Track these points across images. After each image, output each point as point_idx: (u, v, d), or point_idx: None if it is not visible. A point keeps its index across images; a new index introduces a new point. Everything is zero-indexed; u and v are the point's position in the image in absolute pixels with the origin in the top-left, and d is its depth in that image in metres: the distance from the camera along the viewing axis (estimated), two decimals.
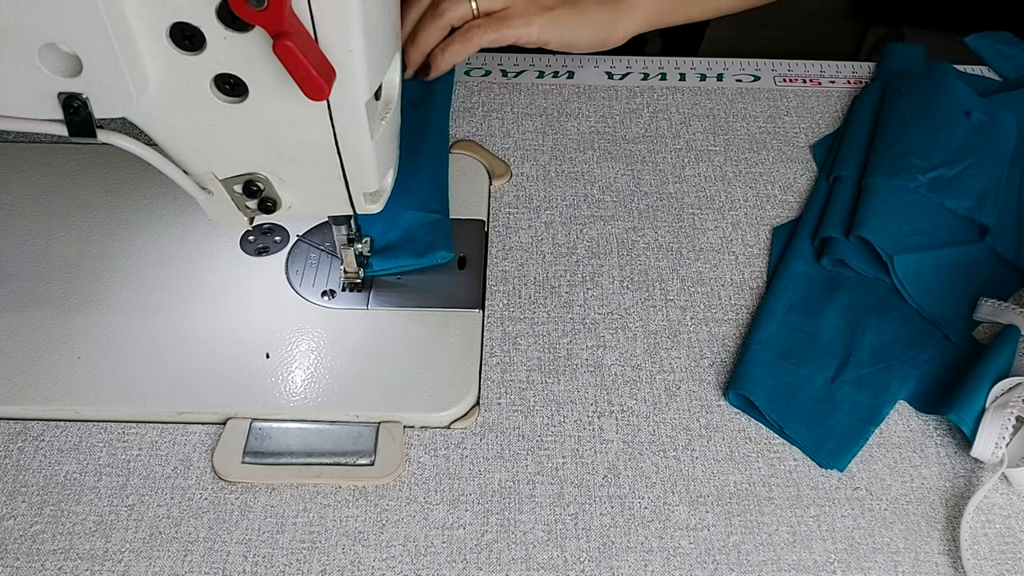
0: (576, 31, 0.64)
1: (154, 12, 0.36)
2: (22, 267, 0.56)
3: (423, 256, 0.56)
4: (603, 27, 0.65)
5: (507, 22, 0.63)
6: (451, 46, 0.63)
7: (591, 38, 0.65)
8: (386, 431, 0.50)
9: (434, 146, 0.63)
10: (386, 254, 0.56)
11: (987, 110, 0.63)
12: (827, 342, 0.54)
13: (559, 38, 0.64)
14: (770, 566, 0.46)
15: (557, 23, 0.64)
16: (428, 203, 0.58)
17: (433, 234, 0.57)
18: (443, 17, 0.63)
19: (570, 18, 0.64)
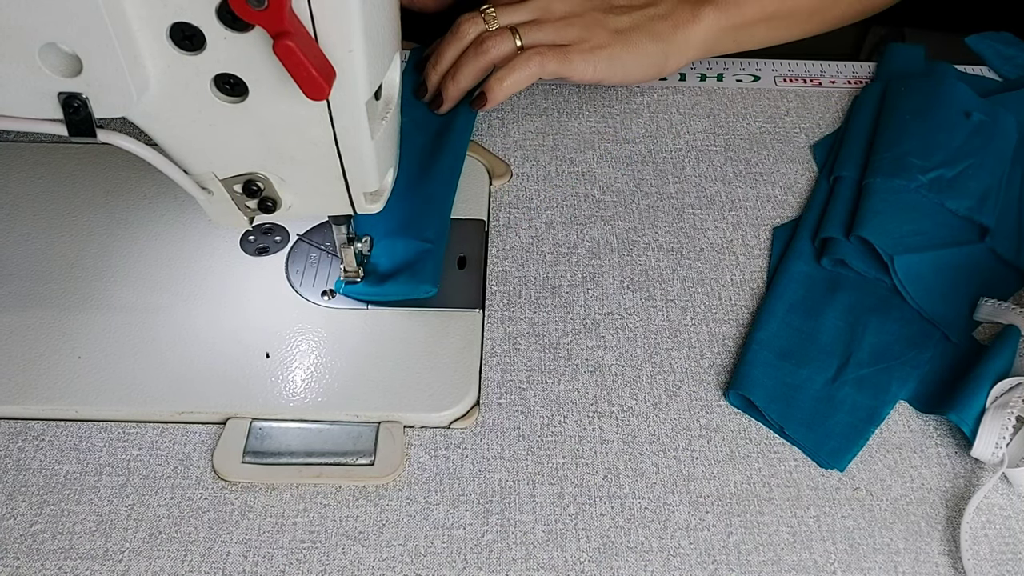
0: (630, 68, 0.64)
1: (154, 12, 0.36)
2: (22, 267, 0.56)
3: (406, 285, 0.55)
4: (656, 62, 0.64)
5: (569, 58, 0.61)
6: (511, 75, 0.61)
7: (643, 74, 0.65)
8: (386, 431, 0.50)
9: (445, 174, 0.61)
10: (373, 279, 0.55)
11: (987, 110, 0.63)
12: (827, 342, 0.54)
13: (613, 76, 0.63)
14: (770, 566, 0.46)
15: (612, 61, 0.62)
16: (424, 230, 0.57)
17: (421, 265, 0.55)
18: (487, 55, 0.61)
19: (624, 55, 0.63)
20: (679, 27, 0.64)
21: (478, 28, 0.62)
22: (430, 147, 0.62)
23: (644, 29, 0.63)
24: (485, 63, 0.62)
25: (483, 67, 0.62)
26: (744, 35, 0.66)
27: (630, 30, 0.63)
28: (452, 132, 0.63)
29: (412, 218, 0.58)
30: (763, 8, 0.65)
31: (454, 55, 0.63)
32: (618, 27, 0.63)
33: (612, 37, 0.63)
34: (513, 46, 0.62)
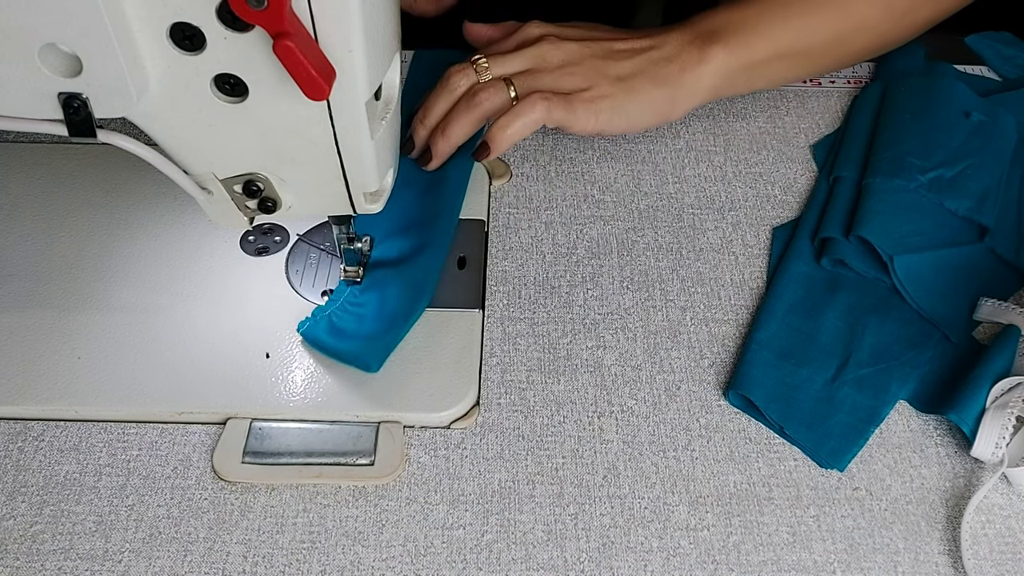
0: (634, 117, 0.59)
1: (154, 12, 0.36)
2: (22, 267, 0.56)
3: (358, 351, 0.52)
4: (662, 109, 0.60)
5: (573, 108, 0.57)
6: (516, 121, 0.56)
7: (649, 122, 0.60)
8: (386, 431, 0.50)
9: (438, 237, 0.57)
10: (334, 332, 0.53)
11: (987, 110, 0.63)
12: (827, 342, 0.54)
13: (615, 127, 0.59)
14: (770, 566, 0.46)
15: (615, 112, 0.58)
16: (402, 313, 0.53)
17: (381, 341, 0.52)
18: (480, 108, 0.57)
19: (627, 104, 0.58)
20: (686, 70, 0.59)
21: (469, 80, 0.58)
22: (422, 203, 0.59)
23: (648, 74, 0.59)
24: (478, 116, 0.57)
25: (477, 120, 0.58)
26: (756, 75, 0.63)
27: (633, 76, 0.59)
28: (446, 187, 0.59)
29: (403, 280, 0.55)
30: (776, 45, 0.61)
31: (444, 108, 0.58)
32: (620, 74, 0.59)
33: (614, 85, 0.58)
34: (508, 97, 0.57)
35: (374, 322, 0.53)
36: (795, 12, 0.61)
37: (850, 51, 0.64)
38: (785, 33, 0.61)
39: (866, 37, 0.64)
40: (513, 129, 0.56)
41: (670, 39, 0.60)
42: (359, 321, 0.53)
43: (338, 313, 0.53)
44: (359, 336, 0.52)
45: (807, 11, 0.61)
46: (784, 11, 0.61)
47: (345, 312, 0.53)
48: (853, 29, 0.63)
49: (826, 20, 0.62)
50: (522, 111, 0.56)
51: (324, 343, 0.52)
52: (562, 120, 0.57)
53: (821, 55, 0.63)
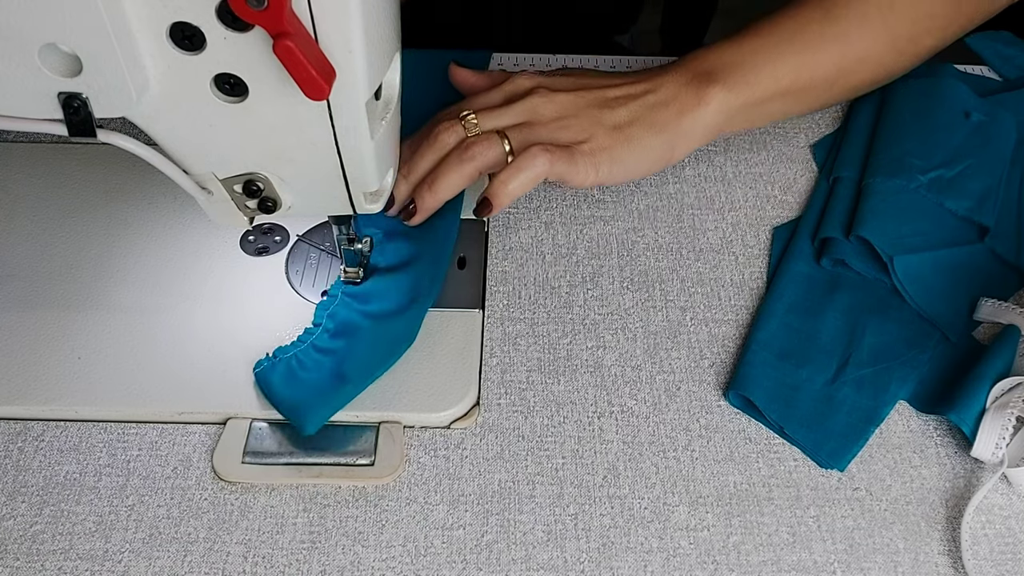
0: (632, 167, 0.57)
1: (154, 12, 0.36)
2: (22, 267, 0.56)
3: (293, 406, 0.50)
4: (661, 155, 0.58)
5: (575, 160, 0.54)
6: (518, 175, 0.53)
7: (648, 169, 0.58)
8: (386, 431, 0.50)
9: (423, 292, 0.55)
10: (290, 378, 0.51)
11: (987, 110, 0.63)
12: (827, 343, 0.54)
13: (613, 178, 0.57)
14: (770, 566, 0.46)
15: (615, 163, 0.56)
16: (366, 369, 0.51)
17: (322, 405, 0.50)
18: (473, 163, 0.54)
19: (624, 155, 0.56)
20: (684, 113, 0.57)
21: (458, 136, 0.55)
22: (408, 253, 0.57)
23: (645, 121, 0.57)
24: (471, 171, 0.54)
25: (469, 175, 0.54)
26: (757, 113, 0.60)
27: (630, 124, 0.56)
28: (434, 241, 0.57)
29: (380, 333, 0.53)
30: (777, 82, 0.59)
31: (431, 164, 0.55)
32: (617, 122, 0.56)
33: (611, 136, 0.56)
34: (503, 151, 0.54)
35: (331, 377, 0.50)
36: (795, 48, 0.59)
37: (852, 84, 0.62)
38: (785, 70, 0.59)
39: (869, 70, 0.62)
40: (515, 184, 0.53)
41: (666, 81, 0.58)
42: (318, 369, 0.51)
43: (300, 357, 0.51)
44: (310, 387, 0.50)
45: (807, 47, 0.59)
46: (783, 47, 0.59)
47: (308, 356, 0.51)
48: (855, 63, 0.60)
49: (827, 55, 0.59)
50: (524, 164, 0.53)
51: (273, 389, 0.50)
52: (564, 173, 0.54)
53: (823, 90, 0.61)
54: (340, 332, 0.52)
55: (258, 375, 0.51)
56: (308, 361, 0.51)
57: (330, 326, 0.53)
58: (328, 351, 0.52)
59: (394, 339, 0.52)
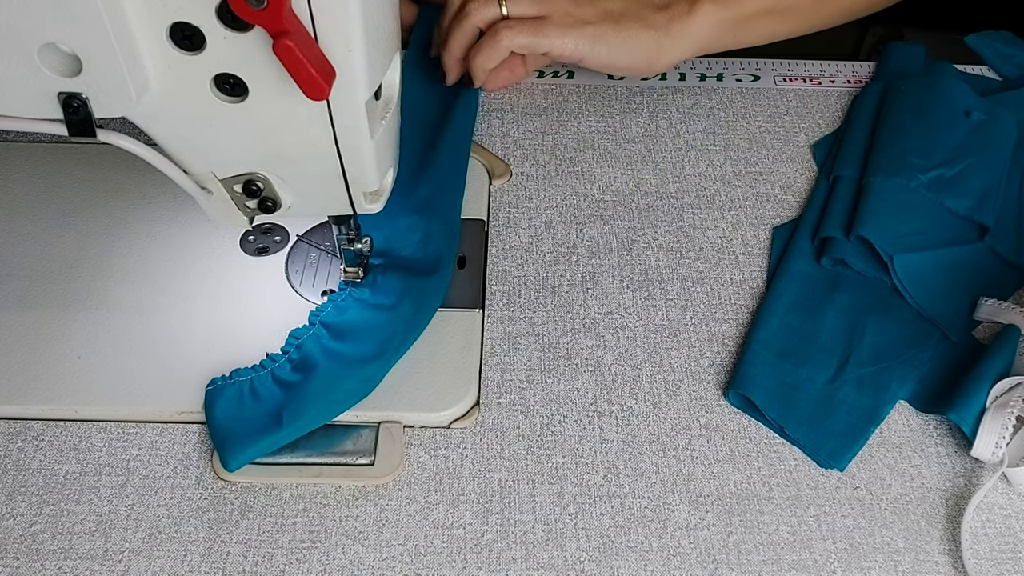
0: (616, 51, 0.60)
1: (154, 12, 0.36)
2: (22, 267, 0.56)
3: (218, 437, 0.49)
4: (646, 51, 0.61)
5: (541, 30, 0.58)
6: (479, 54, 0.60)
7: (632, 60, 0.61)
8: (386, 431, 0.50)
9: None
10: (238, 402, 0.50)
11: (987, 110, 0.63)
12: (827, 342, 0.54)
13: (597, 56, 0.60)
14: (770, 566, 0.46)
15: (596, 39, 0.59)
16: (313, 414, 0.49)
17: (255, 442, 0.48)
18: (468, 19, 0.60)
19: (611, 36, 0.59)
20: (675, 19, 0.61)
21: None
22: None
23: (637, 16, 0.61)
24: (468, 29, 0.60)
25: (468, 33, 0.60)
26: (744, 30, 0.63)
27: (622, 14, 0.60)
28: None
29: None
30: (764, 0, 0.62)
31: (447, 26, 0.62)
32: (609, 9, 0.60)
33: (601, 16, 0.60)
34: (497, 12, 0.60)
35: (269, 416, 0.49)
36: None
37: (839, 10, 0.65)
38: None
39: None
40: (481, 58, 0.60)
41: None
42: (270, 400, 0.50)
43: (255, 385, 0.50)
44: (247, 422, 0.49)
45: None
46: None
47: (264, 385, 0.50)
48: None
49: None
50: (485, 43, 0.59)
51: (213, 413, 0.49)
52: (529, 44, 0.59)
53: (810, 10, 0.64)
54: (301, 366, 0.51)
55: (207, 393, 0.50)
56: (263, 391, 0.50)
57: (295, 357, 0.51)
58: (286, 384, 0.50)
59: (345, 393, 0.50)
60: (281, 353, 0.52)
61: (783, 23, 0.64)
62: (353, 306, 0.53)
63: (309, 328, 0.53)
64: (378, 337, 0.51)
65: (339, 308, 0.53)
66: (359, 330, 0.52)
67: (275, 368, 0.51)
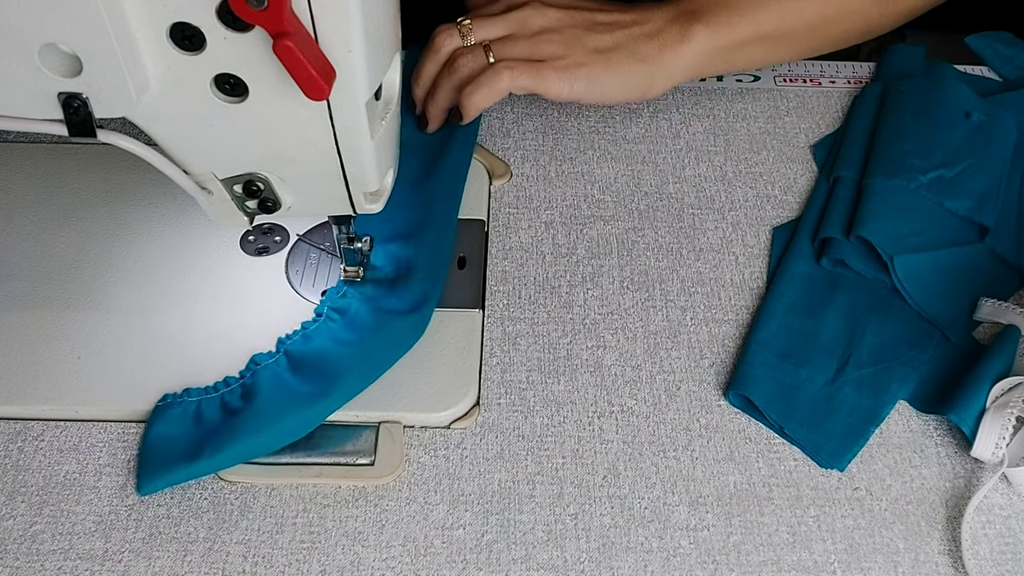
0: (609, 88, 0.60)
1: (154, 12, 0.36)
2: (22, 267, 0.56)
3: (144, 456, 0.48)
4: (639, 84, 0.60)
5: (540, 72, 0.58)
6: (479, 90, 0.58)
7: (626, 95, 0.61)
8: (386, 431, 0.50)
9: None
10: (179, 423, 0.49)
11: (987, 111, 0.63)
12: (827, 342, 0.54)
13: (591, 96, 0.59)
14: (770, 566, 0.46)
15: (590, 80, 0.59)
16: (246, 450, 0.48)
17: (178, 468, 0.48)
18: (457, 74, 0.59)
19: (604, 75, 0.59)
20: (666, 47, 0.60)
21: (453, 42, 0.60)
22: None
23: (628, 49, 0.60)
24: (457, 82, 0.59)
25: (456, 86, 0.59)
26: (737, 56, 0.63)
27: (612, 49, 0.59)
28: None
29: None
30: (758, 27, 0.61)
31: (432, 71, 0.61)
32: (599, 46, 0.59)
33: (591, 56, 0.59)
34: (485, 64, 0.58)
35: (192, 444, 0.48)
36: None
37: (833, 35, 0.65)
38: (768, 15, 0.61)
39: (850, 21, 0.64)
40: (478, 96, 0.58)
41: (654, 16, 0.61)
42: (208, 425, 0.49)
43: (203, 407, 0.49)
44: (173, 446, 0.48)
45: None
46: None
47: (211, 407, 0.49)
48: (838, 13, 0.63)
49: (811, 3, 0.62)
50: (485, 80, 0.58)
51: (148, 429, 0.49)
52: (529, 86, 0.58)
53: (804, 38, 0.64)
54: (248, 395, 0.50)
55: (155, 409, 0.50)
56: (207, 414, 0.49)
57: (248, 383, 0.50)
58: (231, 411, 0.49)
59: (278, 435, 0.48)
60: (237, 377, 0.51)
61: (776, 50, 0.64)
62: (321, 336, 0.52)
63: (272, 355, 0.51)
64: (333, 376, 0.50)
65: (306, 337, 0.52)
66: (318, 364, 0.50)
67: (226, 392, 0.50)
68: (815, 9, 0.62)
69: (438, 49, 0.60)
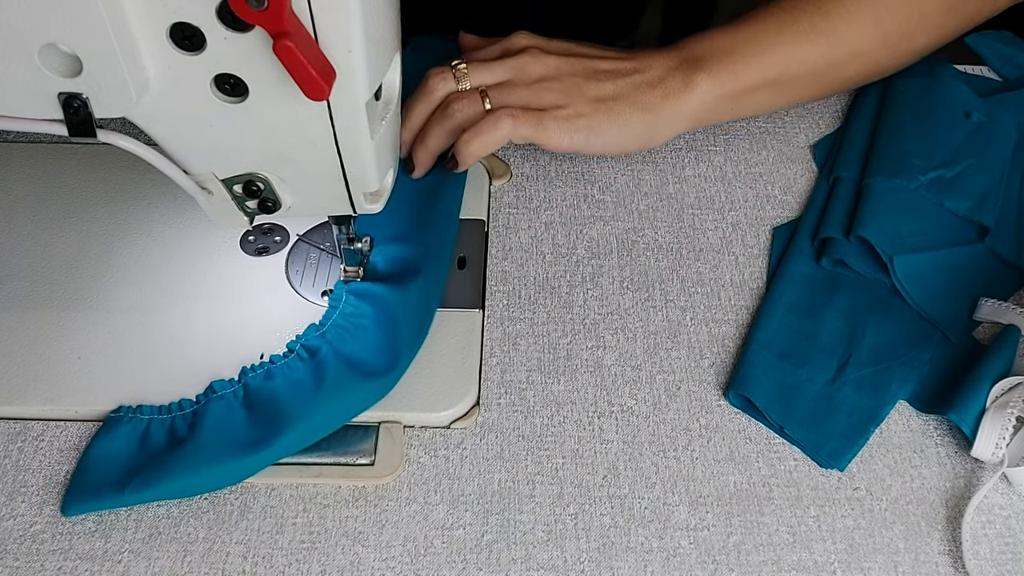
0: (610, 140, 0.57)
1: (154, 12, 0.36)
2: (22, 267, 0.56)
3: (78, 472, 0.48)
4: (641, 134, 0.58)
5: (542, 122, 0.55)
6: (478, 138, 0.55)
7: (627, 146, 0.59)
8: (386, 431, 0.50)
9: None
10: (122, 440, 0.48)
11: (987, 111, 0.63)
12: (827, 343, 0.54)
13: (592, 147, 0.57)
14: (770, 566, 0.46)
15: (591, 132, 0.56)
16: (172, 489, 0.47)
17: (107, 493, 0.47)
18: (452, 119, 0.56)
19: (605, 126, 0.57)
20: (669, 97, 0.57)
21: (447, 86, 0.57)
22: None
23: (629, 99, 0.57)
24: (452, 127, 0.56)
25: (450, 131, 0.56)
26: (742, 103, 0.60)
27: (614, 99, 0.57)
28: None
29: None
30: (763, 73, 0.59)
31: (423, 114, 0.57)
32: (600, 95, 0.57)
33: (592, 106, 0.57)
34: (481, 110, 0.56)
35: (129, 471, 0.47)
36: (785, 39, 0.59)
37: (842, 78, 0.62)
38: (773, 61, 0.59)
39: (859, 63, 0.61)
40: (476, 145, 0.55)
41: (656, 64, 0.59)
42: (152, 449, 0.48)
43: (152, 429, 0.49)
44: (108, 470, 0.47)
45: (797, 39, 0.59)
46: (774, 38, 0.59)
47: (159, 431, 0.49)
48: (846, 56, 0.60)
49: (817, 48, 0.59)
50: (485, 127, 0.55)
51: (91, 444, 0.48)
52: (530, 136, 0.55)
53: (811, 83, 0.61)
54: (194, 425, 0.48)
55: (106, 420, 0.49)
56: (154, 437, 0.48)
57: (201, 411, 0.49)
58: (177, 439, 0.48)
59: (201, 481, 0.47)
60: (192, 400, 0.50)
61: (783, 94, 0.62)
62: (283, 376, 0.50)
63: (231, 384, 0.50)
64: (280, 425, 0.48)
65: (269, 373, 0.50)
66: (271, 407, 0.48)
67: (179, 416, 0.49)
68: (821, 54, 0.59)
69: (431, 92, 0.57)
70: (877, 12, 0.59)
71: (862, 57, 0.61)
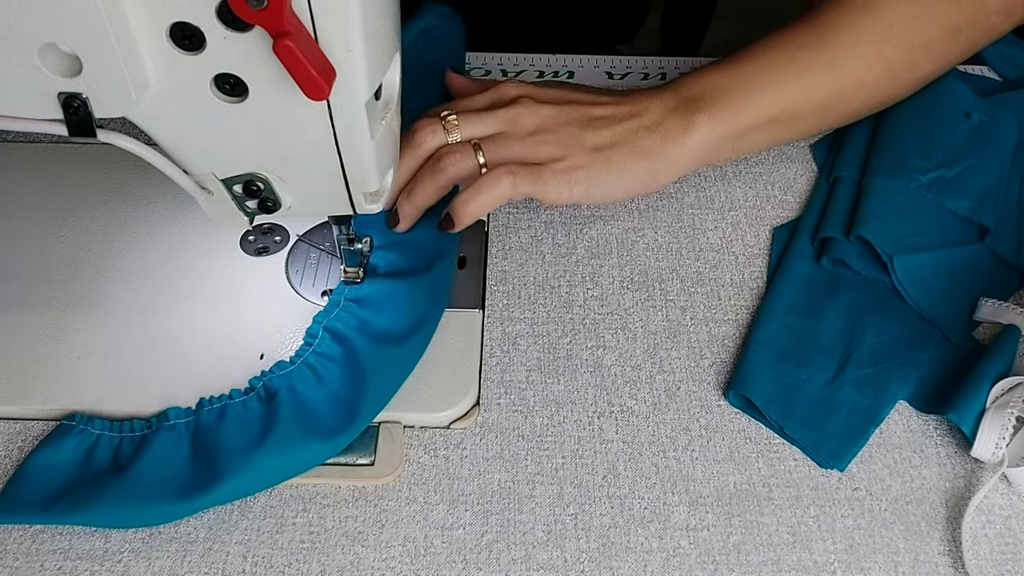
0: (610, 189, 0.55)
1: (154, 12, 0.36)
2: (22, 267, 0.56)
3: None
4: (642, 180, 0.56)
5: (541, 177, 0.53)
6: (478, 197, 0.53)
7: (627, 194, 0.57)
8: (386, 431, 0.50)
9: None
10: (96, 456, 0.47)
11: (987, 110, 0.63)
12: (827, 343, 0.54)
13: (592, 198, 0.55)
14: (770, 566, 0.46)
15: (590, 183, 0.54)
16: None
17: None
18: (444, 174, 0.53)
19: (604, 177, 0.55)
20: (668, 140, 0.56)
21: (436, 138, 0.54)
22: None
23: (627, 145, 0.55)
24: (443, 183, 0.54)
25: (442, 186, 0.54)
26: (743, 142, 0.58)
27: (611, 146, 0.55)
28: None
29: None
30: (765, 110, 0.57)
31: (410, 166, 0.55)
32: (597, 144, 0.55)
33: (590, 155, 0.54)
34: (475, 164, 0.53)
35: (63, 490, 0.46)
36: (785, 76, 0.57)
37: (847, 111, 0.60)
38: (775, 98, 0.57)
39: (864, 95, 0.59)
40: (476, 204, 0.53)
41: (652, 106, 0.57)
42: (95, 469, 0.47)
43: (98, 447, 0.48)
44: (46, 484, 0.46)
45: (799, 74, 0.57)
46: (773, 74, 0.57)
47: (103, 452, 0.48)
48: (850, 88, 0.58)
49: (819, 81, 0.57)
50: (485, 185, 0.53)
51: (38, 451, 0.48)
52: (529, 193, 0.54)
53: (817, 117, 0.59)
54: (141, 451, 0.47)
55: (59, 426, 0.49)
56: (99, 455, 0.47)
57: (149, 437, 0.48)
58: (118, 463, 0.47)
59: (139, 515, 0.46)
60: (145, 422, 0.49)
61: (786, 130, 0.59)
62: (234, 417, 0.48)
63: (188, 413, 0.49)
64: (220, 474, 0.46)
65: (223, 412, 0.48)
66: (215, 451, 0.47)
67: (128, 437, 0.48)
68: (824, 87, 0.58)
69: (419, 144, 0.54)
70: (878, 42, 0.57)
71: (866, 89, 0.59)
